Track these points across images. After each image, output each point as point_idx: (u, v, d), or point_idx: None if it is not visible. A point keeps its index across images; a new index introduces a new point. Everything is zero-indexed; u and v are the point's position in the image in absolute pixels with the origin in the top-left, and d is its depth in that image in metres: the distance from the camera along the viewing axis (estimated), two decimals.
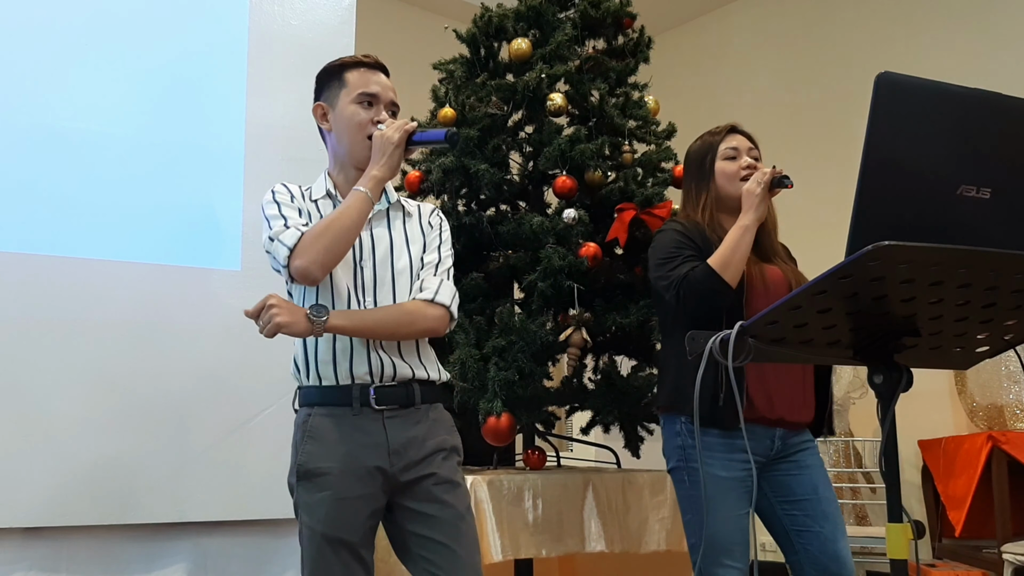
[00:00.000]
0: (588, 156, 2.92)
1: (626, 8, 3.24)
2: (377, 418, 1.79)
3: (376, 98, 1.87)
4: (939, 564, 4.04)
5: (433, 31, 3.50)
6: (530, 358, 2.72)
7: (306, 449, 1.79)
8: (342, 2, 2.99)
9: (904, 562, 1.27)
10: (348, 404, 1.79)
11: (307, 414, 1.82)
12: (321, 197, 1.89)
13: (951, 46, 4.63)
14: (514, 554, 2.56)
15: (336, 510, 1.75)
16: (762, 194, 2.05)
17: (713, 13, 5.84)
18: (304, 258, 1.72)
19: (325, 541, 1.74)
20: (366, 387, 1.79)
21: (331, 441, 1.78)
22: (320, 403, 1.81)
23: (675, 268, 2.04)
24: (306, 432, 1.80)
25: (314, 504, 1.76)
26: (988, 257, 1.18)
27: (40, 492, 2.39)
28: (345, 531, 1.74)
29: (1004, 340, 1.41)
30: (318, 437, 1.79)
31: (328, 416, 1.80)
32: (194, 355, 2.61)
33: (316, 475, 1.77)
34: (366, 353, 1.80)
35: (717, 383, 1.94)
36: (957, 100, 1.25)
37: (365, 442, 1.78)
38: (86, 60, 2.58)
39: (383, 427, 1.80)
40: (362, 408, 1.78)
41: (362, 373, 1.79)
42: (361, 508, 1.76)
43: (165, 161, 2.65)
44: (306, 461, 1.78)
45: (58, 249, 2.49)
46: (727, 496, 1.99)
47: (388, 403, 1.80)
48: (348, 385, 1.79)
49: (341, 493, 1.75)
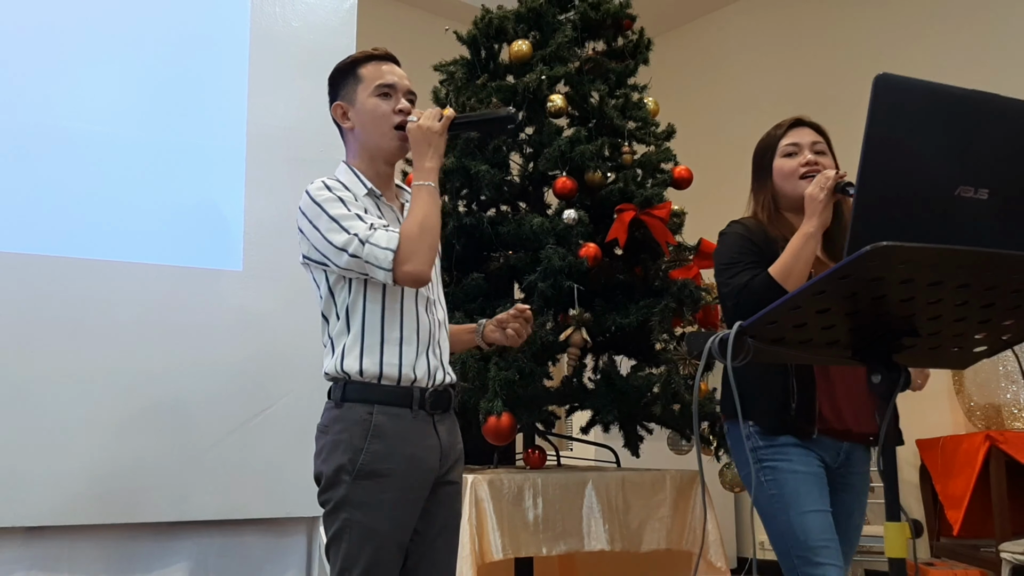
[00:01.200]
0: (588, 157, 2.93)
1: (626, 10, 3.25)
2: (430, 421, 1.82)
3: (393, 88, 1.86)
4: (937, 563, 4.04)
5: (434, 32, 3.51)
6: (530, 358, 2.72)
7: (372, 448, 1.75)
8: (343, 3, 3.00)
9: (902, 561, 1.27)
10: (408, 406, 1.79)
11: (367, 411, 1.77)
12: (364, 194, 1.84)
13: (951, 46, 4.64)
14: (514, 553, 2.57)
15: (399, 512, 1.75)
16: (825, 200, 1.95)
17: (713, 14, 5.85)
18: (415, 262, 1.70)
19: (387, 541, 1.73)
20: (423, 390, 1.81)
21: (396, 441, 1.76)
22: (380, 401, 1.78)
23: (735, 276, 1.98)
24: (370, 430, 1.76)
25: (375, 504, 1.73)
26: (987, 257, 1.19)
27: (41, 492, 2.39)
28: (403, 533, 1.76)
29: (1002, 340, 1.42)
30: (383, 436, 1.76)
31: (390, 416, 1.77)
32: (195, 355, 2.61)
33: (380, 475, 1.74)
34: (426, 356, 1.81)
35: (788, 391, 1.93)
36: (956, 101, 1.25)
37: (425, 444, 1.80)
38: (87, 60, 2.58)
39: (435, 431, 1.82)
40: (419, 411, 1.80)
41: (421, 375, 1.80)
42: (416, 511, 1.79)
43: (166, 161, 2.65)
44: (371, 460, 1.74)
45: (59, 249, 2.50)
46: (811, 490, 1.92)
47: (438, 407, 1.83)
48: (409, 387, 1.79)
49: (404, 495, 1.76)
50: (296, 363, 2.63)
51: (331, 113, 1.92)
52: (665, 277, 3.03)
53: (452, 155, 2.99)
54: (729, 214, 2.10)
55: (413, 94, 1.89)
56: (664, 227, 2.95)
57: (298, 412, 2.63)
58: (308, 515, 2.69)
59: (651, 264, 3.09)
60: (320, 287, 1.84)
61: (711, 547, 2.77)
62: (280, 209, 2.74)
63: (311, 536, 2.75)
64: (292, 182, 2.71)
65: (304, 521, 2.74)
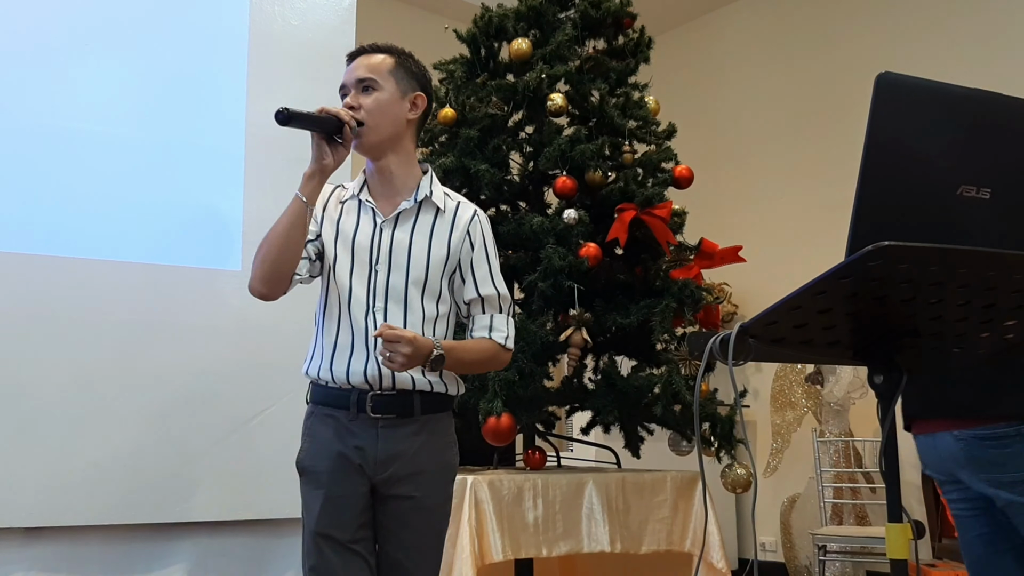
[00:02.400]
0: (588, 156, 2.93)
1: (626, 8, 3.24)
2: (373, 424, 1.79)
3: (345, 87, 1.85)
4: (939, 564, 4.04)
5: (433, 31, 3.50)
6: (530, 358, 2.72)
7: (304, 447, 1.84)
8: (342, 2, 2.99)
9: (904, 562, 1.27)
10: (346, 408, 1.79)
11: (311, 411, 1.86)
12: (349, 198, 1.87)
13: (952, 45, 4.63)
14: (514, 554, 2.56)
15: (327, 508, 1.77)
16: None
17: (713, 13, 5.85)
18: (251, 279, 1.79)
19: (319, 537, 1.77)
20: (364, 392, 1.78)
21: (325, 440, 1.80)
22: (322, 402, 1.83)
23: None
24: (306, 430, 1.85)
25: (309, 501, 1.80)
26: (988, 257, 1.18)
27: (40, 492, 2.39)
28: (336, 528, 1.77)
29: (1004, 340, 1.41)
30: (314, 436, 1.83)
31: (325, 416, 1.82)
32: (194, 355, 2.61)
33: (311, 472, 1.81)
34: (365, 358, 1.78)
35: None
36: (957, 100, 1.25)
37: (355, 445, 1.79)
38: (87, 60, 2.58)
39: (376, 436, 1.78)
40: (359, 414, 1.78)
41: (358, 380, 1.78)
42: (350, 506, 1.78)
43: (165, 161, 2.65)
44: (303, 458, 1.83)
45: (59, 249, 2.49)
46: None
47: (384, 412, 1.78)
48: (348, 389, 1.79)
49: (331, 492, 1.77)
50: (296, 363, 2.61)
51: None
52: (666, 277, 3.02)
53: (452, 154, 2.99)
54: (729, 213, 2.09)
55: (367, 80, 1.81)
56: (665, 227, 2.94)
57: (298, 413, 2.58)
58: None
59: (652, 264, 3.08)
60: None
61: (712, 548, 2.77)
62: (279, 208, 2.70)
63: None
64: (291, 182, 2.68)
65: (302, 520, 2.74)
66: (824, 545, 4.10)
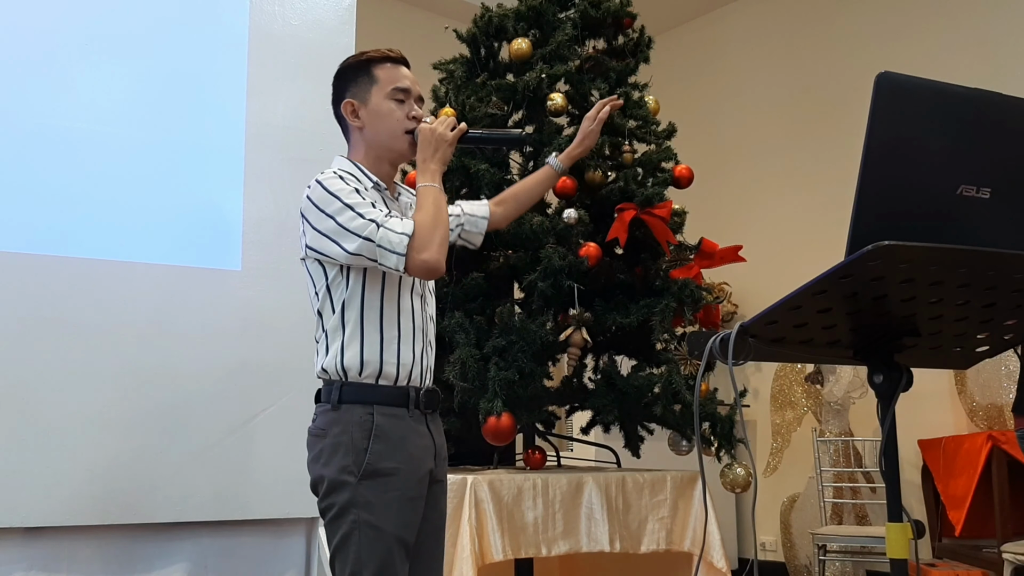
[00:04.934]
0: (588, 156, 2.93)
1: (626, 8, 3.24)
2: (422, 421, 1.84)
3: (408, 93, 1.88)
4: (939, 564, 4.04)
5: (433, 31, 3.50)
6: (530, 358, 2.72)
7: (375, 448, 1.75)
8: (342, 2, 2.99)
9: (904, 562, 1.27)
10: (405, 405, 1.80)
11: (367, 412, 1.77)
12: (371, 187, 1.86)
13: (952, 45, 4.63)
14: (514, 554, 2.56)
15: (404, 511, 1.76)
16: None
17: (713, 13, 5.85)
18: (430, 252, 1.72)
19: (395, 541, 1.73)
20: (417, 390, 1.83)
21: (396, 441, 1.77)
22: (379, 402, 1.78)
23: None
24: (373, 431, 1.76)
25: (382, 504, 1.73)
26: (988, 257, 1.19)
27: (40, 492, 2.39)
28: (409, 532, 1.76)
29: (1004, 340, 1.42)
30: (384, 436, 1.76)
31: (389, 416, 1.78)
32: (195, 355, 2.61)
33: (384, 474, 1.74)
34: (421, 357, 1.85)
35: None
36: (957, 100, 1.25)
37: (421, 444, 1.82)
38: (86, 60, 2.58)
39: (428, 429, 1.85)
40: (414, 410, 1.82)
41: (416, 375, 1.84)
42: (419, 510, 1.79)
43: (165, 160, 2.65)
44: (375, 460, 1.74)
45: (58, 249, 2.49)
46: None
47: (430, 407, 1.87)
48: (405, 387, 1.81)
49: (408, 493, 1.76)
50: (296, 363, 2.62)
51: (340, 109, 1.90)
52: (666, 276, 3.02)
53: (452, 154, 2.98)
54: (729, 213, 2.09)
55: (422, 100, 1.92)
56: (665, 226, 2.94)
57: (298, 412, 2.61)
58: (308, 516, 2.69)
59: (652, 263, 3.08)
60: (317, 283, 1.81)
61: (712, 548, 2.77)
62: (279, 208, 2.74)
63: (310, 537, 2.75)
64: (291, 181, 2.71)
65: (304, 522, 2.74)
66: (824, 545, 4.10)
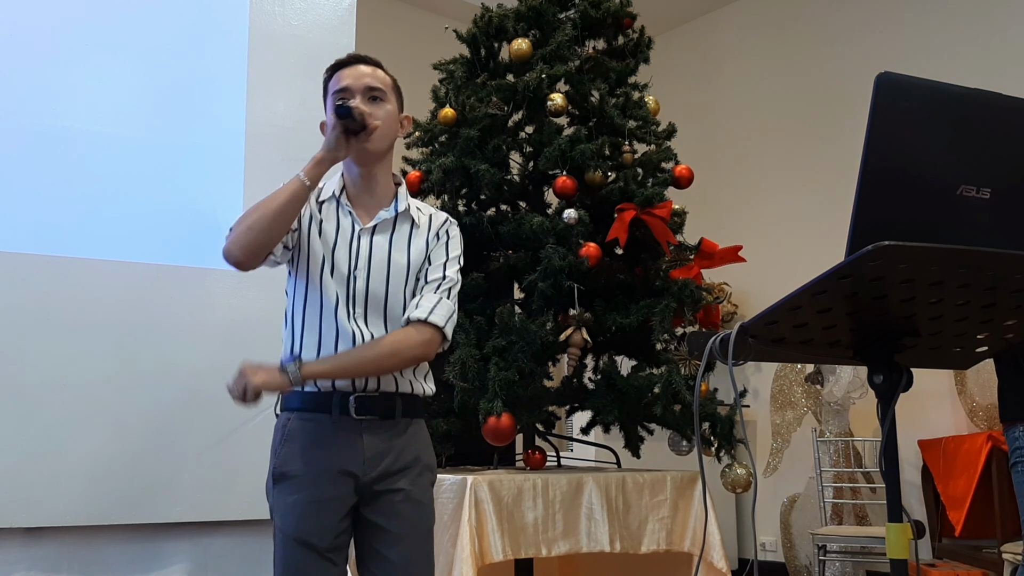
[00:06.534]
0: (588, 156, 2.93)
1: (626, 8, 3.24)
2: (356, 427, 1.79)
3: (348, 90, 1.83)
4: (939, 564, 4.04)
5: (433, 31, 3.50)
6: (530, 358, 2.72)
7: (282, 452, 1.80)
8: (342, 2, 2.99)
9: (904, 562, 1.27)
10: (328, 411, 1.79)
11: (287, 418, 1.82)
12: (328, 199, 1.87)
13: (952, 45, 4.63)
14: (514, 554, 2.56)
15: (307, 513, 1.75)
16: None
17: (713, 13, 5.85)
18: (228, 242, 1.72)
19: (296, 544, 1.75)
20: (346, 395, 1.79)
21: (306, 444, 1.78)
22: (300, 408, 1.81)
23: None
24: (284, 436, 1.81)
25: (287, 507, 1.77)
26: (988, 257, 1.18)
27: (40, 492, 2.39)
28: (315, 535, 1.74)
29: (1004, 340, 1.41)
30: (294, 440, 1.79)
31: (307, 421, 1.80)
32: (195, 354, 2.61)
33: (289, 477, 1.78)
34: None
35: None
36: (957, 100, 1.25)
37: (340, 446, 1.78)
38: (86, 60, 2.58)
39: (360, 435, 1.79)
40: (341, 416, 1.78)
41: (343, 383, 1.79)
42: (332, 511, 1.76)
43: (165, 161, 2.65)
44: (281, 464, 1.79)
45: (58, 249, 2.49)
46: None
47: (367, 413, 1.79)
48: (329, 392, 1.79)
49: (313, 495, 1.75)
50: None
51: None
52: (666, 277, 3.02)
53: (452, 155, 2.99)
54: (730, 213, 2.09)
55: (376, 90, 1.83)
56: (665, 227, 2.94)
57: None
58: None
59: (651, 264, 3.08)
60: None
61: (712, 548, 2.76)
62: None
63: None
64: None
65: None
66: (824, 545, 4.10)
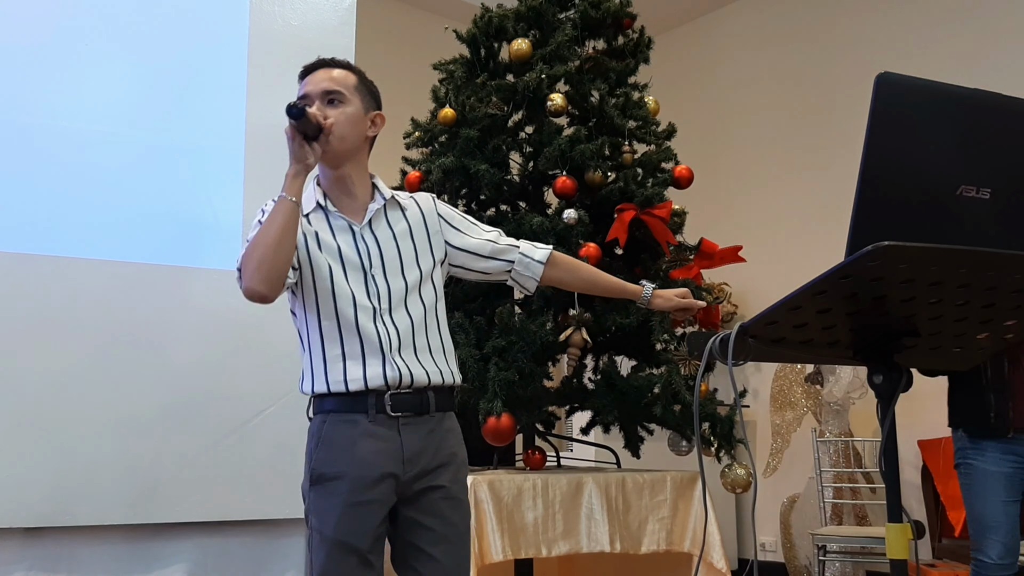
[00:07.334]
0: (588, 156, 2.93)
1: (626, 8, 3.24)
2: (392, 425, 1.78)
3: (308, 98, 1.81)
4: (939, 564, 4.04)
5: (433, 31, 3.50)
6: (530, 358, 2.72)
7: (319, 455, 1.77)
8: (342, 2, 2.99)
9: (904, 562, 1.27)
10: (364, 412, 1.77)
11: (322, 421, 1.80)
12: (313, 209, 1.84)
13: (952, 45, 4.63)
14: (514, 554, 2.56)
15: (347, 516, 1.73)
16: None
17: (713, 13, 5.85)
18: (247, 282, 1.71)
19: (336, 547, 1.72)
20: (381, 394, 1.77)
21: (344, 446, 1.76)
22: (335, 410, 1.79)
23: None
24: (320, 439, 1.78)
25: (326, 510, 1.74)
26: (988, 257, 1.18)
27: (41, 492, 2.39)
28: (355, 537, 1.73)
29: (1004, 340, 1.41)
30: (331, 442, 1.77)
31: (343, 422, 1.78)
32: (195, 355, 2.61)
33: (328, 479, 1.75)
34: (382, 366, 1.77)
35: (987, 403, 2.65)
36: (957, 100, 1.25)
37: (379, 448, 1.76)
38: (86, 60, 2.58)
39: (398, 433, 1.78)
40: (377, 415, 1.77)
41: (376, 383, 1.77)
42: (372, 514, 1.75)
43: (165, 161, 2.65)
44: (319, 466, 1.76)
45: (58, 249, 2.49)
46: (995, 486, 2.63)
47: (403, 410, 1.78)
48: (363, 392, 1.77)
49: (353, 498, 1.73)
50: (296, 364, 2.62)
51: None
52: (666, 277, 3.02)
53: (452, 154, 2.99)
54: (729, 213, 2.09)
55: (335, 93, 1.81)
56: (664, 227, 2.94)
57: (297, 413, 2.60)
58: None
59: (651, 264, 3.08)
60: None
61: (712, 548, 2.76)
62: None
63: None
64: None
65: (303, 522, 2.73)
66: (824, 545, 4.09)
